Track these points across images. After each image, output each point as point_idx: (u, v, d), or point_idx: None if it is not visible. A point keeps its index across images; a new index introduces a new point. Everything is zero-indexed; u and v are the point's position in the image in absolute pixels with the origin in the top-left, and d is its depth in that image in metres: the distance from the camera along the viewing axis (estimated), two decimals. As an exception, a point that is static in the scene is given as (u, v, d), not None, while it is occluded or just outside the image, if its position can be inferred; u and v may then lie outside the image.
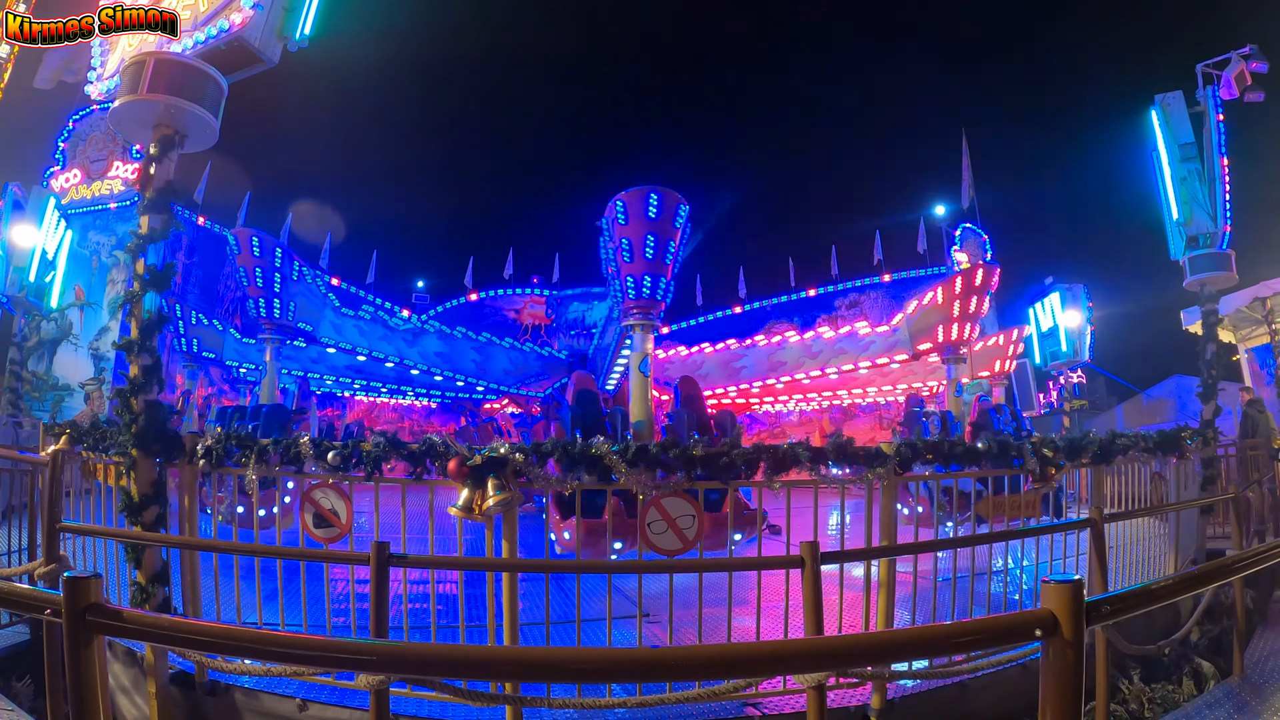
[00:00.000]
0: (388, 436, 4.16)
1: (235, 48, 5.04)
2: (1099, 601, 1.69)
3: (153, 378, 4.63)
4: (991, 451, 4.79)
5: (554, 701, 3.68)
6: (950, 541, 4.45)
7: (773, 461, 4.10)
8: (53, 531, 4.67)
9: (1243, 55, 9.10)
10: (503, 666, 1.85)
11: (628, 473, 3.92)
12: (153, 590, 4.64)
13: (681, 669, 1.85)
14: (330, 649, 1.83)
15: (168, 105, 4.78)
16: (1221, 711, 4.43)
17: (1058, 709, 1.60)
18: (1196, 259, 8.81)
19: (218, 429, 4.52)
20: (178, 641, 2.14)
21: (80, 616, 1.79)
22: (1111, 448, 5.57)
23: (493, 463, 3.81)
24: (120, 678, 4.89)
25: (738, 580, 4.22)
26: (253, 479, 4.37)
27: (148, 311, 4.68)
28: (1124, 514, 5.59)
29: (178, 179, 4.98)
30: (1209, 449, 8.00)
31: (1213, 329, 8.82)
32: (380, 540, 3.25)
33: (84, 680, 1.83)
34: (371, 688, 2.85)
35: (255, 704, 4.17)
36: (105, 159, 20.00)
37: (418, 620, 5.27)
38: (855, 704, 4.12)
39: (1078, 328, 21.48)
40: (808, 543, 3.24)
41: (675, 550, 3.98)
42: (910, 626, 3.56)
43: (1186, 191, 8.97)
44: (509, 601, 3.80)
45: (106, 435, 5.30)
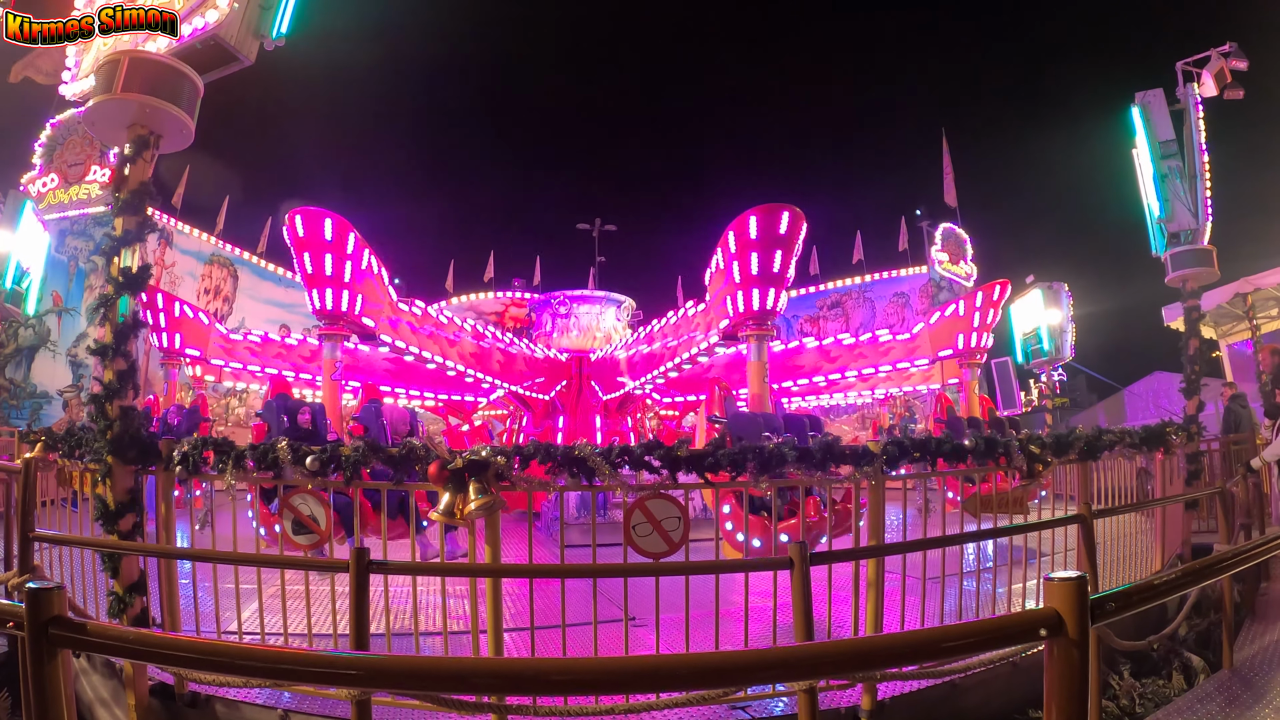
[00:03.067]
0: (366, 441, 4.09)
1: (211, 46, 4.94)
2: (1103, 598, 1.65)
3: (128, 382, 4.53)
4: (979, 449, 4.76)
5: (540, 709, 3.62)
6: (939, 540, 4.42)
7: (760, 462, 4.06)
8: (26, 541, 4.57)
9: (1223, 53, 9.14)
10: (488, 679, 1.78)
11: (610, 474, 3.87)
12: (129, 600, 4.54)
13: (670, 678, 1.79)
14: (307, 663, 1.76)
15: (142, 105, 4.69)
16: (1213, 705, 4.42)
17: (1064, 708, 1.56)
18: (1178, 255, 8.83)
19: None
20: (143, 655, 2.07)
21: (42, 630, 1.72)
22: (1097, 444, 5.55)
23: (474, 466, 3.74)
24: (100, 689, 4.80)
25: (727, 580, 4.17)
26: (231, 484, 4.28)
27: (122, 315, 4.58)
28: (1111, 510, 5.59)
29: (154, 180, 4.90)
30: (1193, 444, 8.03)
31: (1195, 325, 8.84)
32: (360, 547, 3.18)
33: (48, 695, 1.75)
34: (353, 698, 2.79)
35: (236, 715, 4.09)
36: (83, 163, 19.79)
37: (402, 626, 5.20)
38: (846, 704, 4.09)
39: (1059, 325, 21.56)
40: (797, 543, 3.19)
41: (661, 553, 3.92)
42: (910, 630, 3.52)
43: (1168, 188, 9.00)
44: (492, 607, 3.74)
45: (82, 442, 5.20)
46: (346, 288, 9.55)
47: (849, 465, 4.37)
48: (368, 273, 9.94)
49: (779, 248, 8.57)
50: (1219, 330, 16.50)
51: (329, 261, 9.41)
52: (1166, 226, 8.95)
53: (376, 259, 10.24)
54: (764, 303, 8.74)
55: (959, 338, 13.10)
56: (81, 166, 19.77)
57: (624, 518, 3.90)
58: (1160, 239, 9.07)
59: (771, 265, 8.61)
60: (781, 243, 8.57)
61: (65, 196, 19.65)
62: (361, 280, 9.73)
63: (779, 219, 8.51)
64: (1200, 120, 9.13)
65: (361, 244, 9.69)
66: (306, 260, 9.45)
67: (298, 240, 9.39)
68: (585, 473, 3.85)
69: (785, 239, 8.56)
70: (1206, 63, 9.21)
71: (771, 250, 8.56)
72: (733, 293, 8.88)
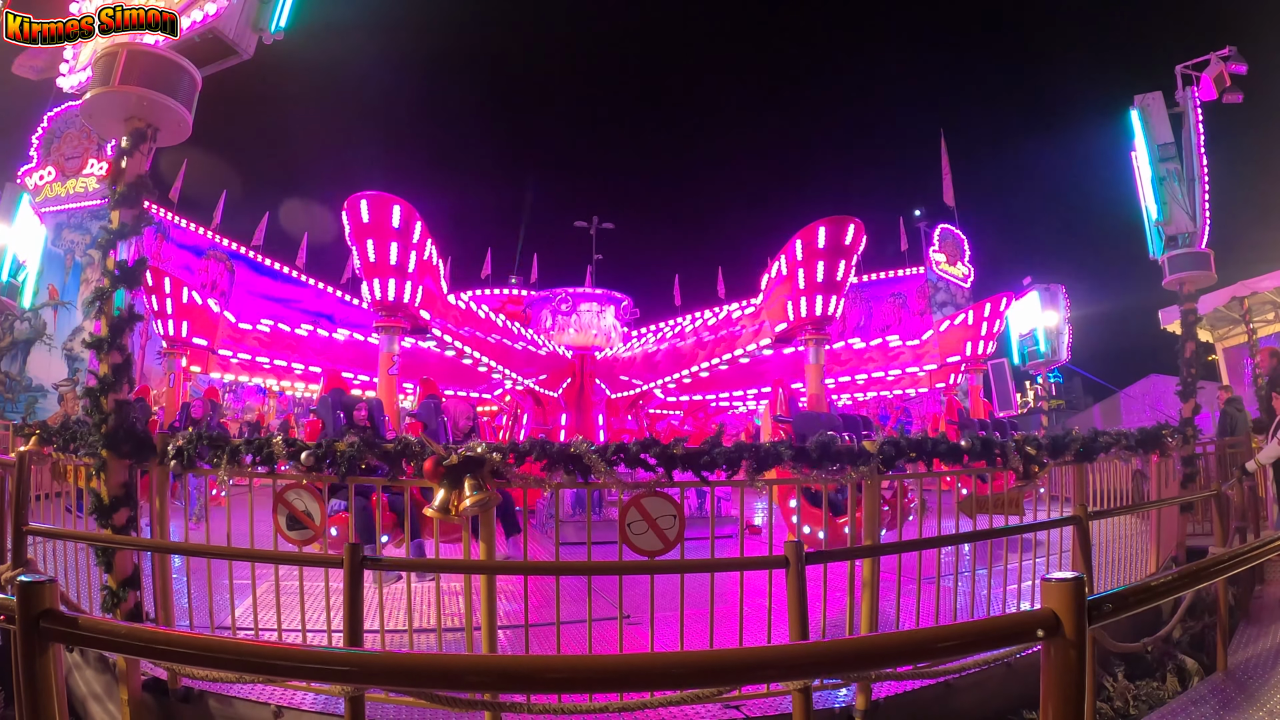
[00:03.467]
0: (361, 437, 4.08)
1: (209, 39, 4.92)
2: (1100, 599, 1.64)
3: (123, 376, 4.52)
4: (974, 449, 4.76)
5: (534, 706, 3.61)
6: (934, 540, 4.42)
7: (755, 460, 4.05)
8: (19, 535, 4.56)
9: (1222, 57, 9.14)
10: (481, 677, 1.76)
11: (606, 472, 3.86)
12: (123, 594, 4.52)
13: (665, 677, 1.79)
14: (300, 659, 1.74)
15: (140, 98, 4.68)
16: (1207, 708, 4.42)
17: (1060, 709, 1.55)
18: (1175, 258, 8.82)
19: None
20: (135, 650, 2.05)
21: (34, 623, 1.70)
22: (1094, 445, 5.55)
23: (469, 462, 3.73)
24: (92, 684, 4.79)
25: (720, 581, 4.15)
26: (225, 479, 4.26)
27: (118, 308, 4.57)
28: (1106, 511, 5.59)
29: (151, 174, 4.89)
30: (1189, 447, 8.04)
31: (1191, 328, 8.85)
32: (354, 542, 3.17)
33: (39, 689, 1.74)
34: (346, 694, 2.78)
35: (229, 710, 4.08)
36: (80, 156, 19.77)
37: (396, 623, 5.18)
38: (840, 705, 4.09)
39: (1056, 327, 21.52)
40: (792, 542, 3.19)
41: (656, 551, 3.91)
42: (907, 630, 3.51)
43: (1166, 191, 8.99)
44: (486, 605, 3.73)
45: (76, 436, 5.18)
46: (410, 278, 9.33)
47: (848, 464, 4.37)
48: (429, 264, 9.76)
49: (843, 258, 8.93)
50: (1215, 334, 16.54)
51: (394, 250, 9.15)
52: (1164, 229, 8.94)
53: (437, 250, 10.06)
54: (825, 309, 9.10)
55: (967, 345, 13.66)
56: (79, 160, 19.75)
57: (619, 515, 3.89)
58: (1158, 242, 9.05)
59: (835, 273, 8.99)
60: (845, 253, 8.93)
61: (62, 190, 19.63)
62: (423, 272, 9.54)
63: (845, 230, 8.87)
64: (1199, 124, 9.12)
65: (426, 233, 9.48)
66: (370, 248, 9.14)
67: (361, 226, 9.06)
68: (581, 470, 3.84)
69: (849, 249, 8.94)
70: (1205, 66, 9.20)
71: (836, 259, 8.91)
72: (795, 298, 9.19)
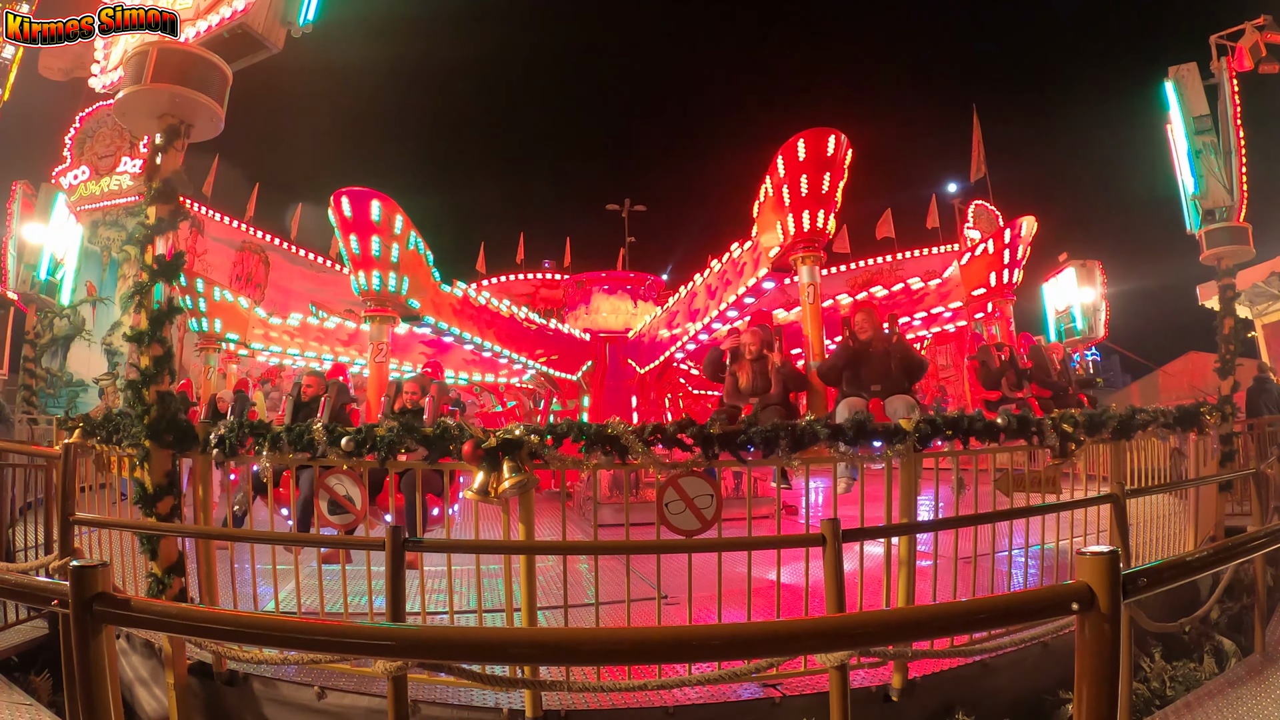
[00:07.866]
0: (401, 422, 4.13)
1: (238, 34, 4.98)
2: (1135, 574, 1.63)
3: (164, 368, 4.61)
4: (1011, 426, 4.72)
5: (573, 684, 3.66)
6: (970, 519, 4.40)
7: (791, 439, 4.05)
8: (66, 525, 4.67)
9: (1257, 26, 8.91)
10: (522, 649, 1.81)
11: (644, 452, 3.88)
12: (168, 581, 4.63)
13: (702, 649, 1.80)
14: (345, 634, 1.79)
15: (172, 95, 4.74)
16: (1244, 689, 4.38)
17: (1094, 684, 1.54)
18: (1213, 232, 8.65)
19: None
20: (187, 629, 2.11)
21: (87, 606, 1.74)
22: (1131, 423, 5.48)
23: (507, 445, 3.77)
24: (139, 669, 4.90)
25: (758, 560, 4.17)
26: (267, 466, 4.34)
27: (157, 302, 4.66)
28: (1143, 489, 5.52)
29: (185, 169, 4.96)
30: (1227, 425, 7.91)
31: (1230, 303, 8.68)
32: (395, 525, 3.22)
33: (93, 672, 1.77)
34: (389, 674, 2.83)
35: (274, 693, 4.16)
36: (113, 155, 20.03)
37: (437, 605, 5.26)
38: (876, 684, 4.10)
39: (1092, 304, 21.12)
40: (829, 520, 3.20)
41: (693, 531, 3.94)
42: (943, 602, 3.50)
43: (1202, 164, 8.81)
44: (526, 585, 3.77)
45: (119, 427, 5.30)
46: (394, 269, 9.49)
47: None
48: (414, 254, 9.88)
49: (827, 169, 8.44)
50: (1255, 310, 16.21)
51: (376, 243, 9.34)
52: (1201, 203, 8.76)
53: (423, 240, 10.18)
54: (814, 223, 8.60)
55: (991, 276, 12.73)
56: (112, 158, 20.02)
57: (657, 495, 3.91)
58: (1195, 216, 8.87)
59: (820, 186, 8.49)
60: (830, 164, 8.45)
61: (96, 188, 19.91)
62: (408, 262, 9.68)
63: (825, 141, 8.42)
64: (1235, 95, 8.92)
65: (408, 225, 9.62)
66: (353, 242, 9.34)
67: (344, 222, 9.26)
68: (619, 451, 3.86)
69: (833, 160, 8.45)
70: (1240, 36, 8.99)
71: (820, 173, 8.44)
72: (783, 217, 8.75)
